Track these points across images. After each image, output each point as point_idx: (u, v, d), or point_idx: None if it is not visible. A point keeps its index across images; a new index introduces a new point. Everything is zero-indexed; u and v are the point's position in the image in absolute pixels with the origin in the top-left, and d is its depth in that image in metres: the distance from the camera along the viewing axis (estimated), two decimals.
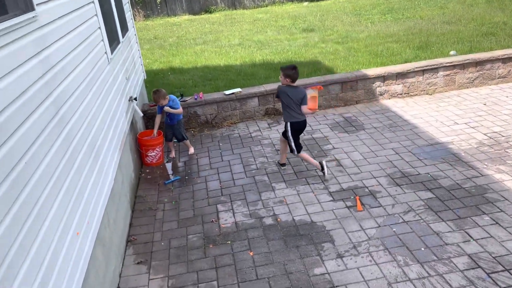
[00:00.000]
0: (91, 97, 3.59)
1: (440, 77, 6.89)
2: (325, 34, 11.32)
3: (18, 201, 2.00)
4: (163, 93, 5.36)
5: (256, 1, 19.20)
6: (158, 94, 5.36)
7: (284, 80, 4.65)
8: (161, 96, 5.34)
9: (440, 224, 3.82)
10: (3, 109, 2.00)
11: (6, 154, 1.96)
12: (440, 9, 13.02)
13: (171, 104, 5.42)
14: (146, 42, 12.81)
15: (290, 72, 4.59)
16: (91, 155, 3.31)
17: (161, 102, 5.37)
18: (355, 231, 3.87)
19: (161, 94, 5.34)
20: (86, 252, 2.84)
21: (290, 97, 4.61)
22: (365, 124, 6.10)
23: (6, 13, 2.31)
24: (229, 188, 4.80)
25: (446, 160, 4.88)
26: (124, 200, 4.32)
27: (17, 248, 1.93)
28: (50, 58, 2.74)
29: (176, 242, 3.99)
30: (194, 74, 8.67)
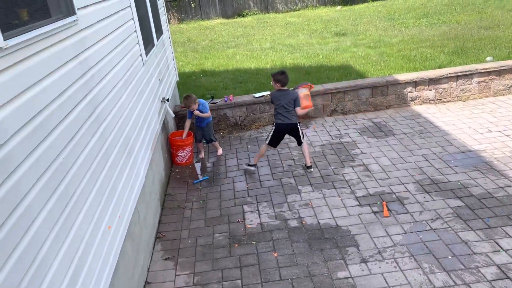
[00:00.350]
0: (126, 97, 3.74)
1: (474, 84, 6.73)
2: (357, 38, 11.25)
3: (55, 194, 2.13)
4: (193, 98, 5.53)
5: (289, 4, 19.26)
6: (189, 99, 5.51)
7: (275, 85, 5.04)
8: (192, 101, 5.49)
9: (468, 233, 3.75)
10: (44, 107, 2.14)
11: (46, 149, 2.10)
12: (478, 14, 12.68)
13: (200, 108, 5.56)
14: (180, 45, 13.10)
15: (279, 77, 4.97)
16: (124, 153, 3.45)
17: (192, 107, 5.51)
18: (380, 236, 3.85)
19: (192, 99, 5.50)
20: (116, 246, 2.97)
21: (280, 100, 4.97)
22: (394, 129, 6.04)
23: (49, 16, 2.46)
24: (256, 190, 4.87)
25: (477, 168, 4.77)
26: (154, 197, 4.46)
27: (52, 239, 2.05)
28: (88, 59, 2.88)
29: (202, 240, 4.09)
30: (225, 76, 8.81)
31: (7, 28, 1.91)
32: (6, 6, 1.98)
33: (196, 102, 5.53)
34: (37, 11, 2.32)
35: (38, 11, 2.33)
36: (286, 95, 4.98)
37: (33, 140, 1.98)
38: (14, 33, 1.95)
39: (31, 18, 2.23)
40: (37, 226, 1.91)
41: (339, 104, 6.75)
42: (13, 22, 2.05)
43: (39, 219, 1.94)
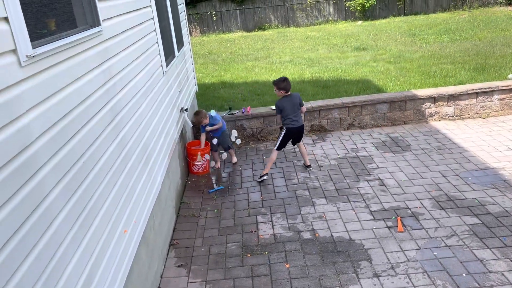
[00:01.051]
0: (146, 106, 3.85)
1: (495, 101, 6.65)
2: (377, 53, 11.25)
3: (75, 196, 2.21)
4: (203, 113, 5.69)
5: (309, 19, 19.41)
6: (200, 115, 5.68)
7: (279, 93, 5.21)
8: (202, 117, 5.65)
9: (484, 251, 3.69)
10: (68, 113, 2.24)
11: (68, 152, 2.19)
12: (501, 31, 12.55)
13: (210, 121, 5.71)
14: (201, 57, 13.33)
15: (282, 84, 5.15)
16: (142, 159, 3.54)
17: (204, 122, 5.67)
18: (394, 251, 3.83)
19: (202, 115, 5.67)
20: (131, 250, 3.04)
21: (288, 106, 5.16)
22: (412, 145, 6.00)
23: (75, 27, 2.58)
24: (270, 201, 4.90)
25: (495, 186, 4.70)
26: (170, 205, 4.53)
27: (71, 239, 2.13)
28: (111, 68, 3.00)
29: (215, 249, 4.13)
30: (243, 88, 8.92)
31: (36, 37, 2.02)
32: (35, 16, 2.10)
33: (207, 116, 5.68)
34: (64, 21, 2.44)
35: (65, 21, 2.45)
36: (291, 100, 5.19)
37: (56, 143, 2.08)
38: (42, 42, 2.06)
39: (58, 28, 2.35)
40: (57, 225, 1.99)
41: (356, 118, 6.76)
42: (41, 32, 2.16)
43: (59, 218, 2.02)
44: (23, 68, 1.85)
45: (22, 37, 1.83)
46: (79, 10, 2.65)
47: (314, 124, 6.77)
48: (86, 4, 2.72)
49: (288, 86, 5.16)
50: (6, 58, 1.73)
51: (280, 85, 5.15)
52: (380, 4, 18.94)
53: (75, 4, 2.61)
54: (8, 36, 1.76)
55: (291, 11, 19.33)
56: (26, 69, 1.87)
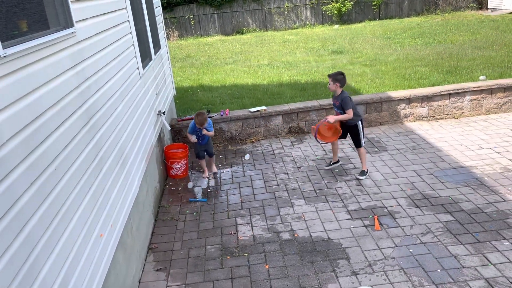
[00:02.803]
0: (122, 109, 3.81)
1: (467, 101, 6.84)
2: (354, 57, 11.42)
3: (48, 199, 2.18)
4: (206, 115, 5.48)
5: (287, 23, 19.56)
6: (203, 116, 5.40)
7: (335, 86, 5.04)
8: (206, 118, 5.43)
9: (458, 247, 3.79)
10: (40, 114, 2.21)
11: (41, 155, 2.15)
12: (472, 35, 12.92)
13: (208, 127, 5.54)
14: (179, 61, 13.27)
15: (339, 77, 5.02)
16: (118, 163, 3.50)
17: (205, 124, 5.45)
18: (371, 249, 3.88)
19: (206, 117, 5.44)
20: (108, 254, 2.99)
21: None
22: (388, 145, 6.11)
23: (48, 28, 2.54)
24: (249, 202, 4.91)
25: (468, 184, 4.83)
26: (148, 209, 4.49)
27: (45, 242, 2.09)
28: (85, 70, 2.96)
29: (195, 252, 4.11)
30: (222, 92, 8.91)
31: (7, 37, 1.99)
32: (6, 17, 2.06)
33: (207, 119, 5.50)
34: (36, 22, 2.40)
35: (37, 22, 2.42)
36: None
37: (28, 146, 2.04)
38: (12, 42, 2.03)
39: (30, 29, 2.31)
40: (29, 228, 1.95)
41: None
42: (13, 32, 2.13)
43: (32, 222, 1.98)
44: None
45: None
46: (51, 11, 2.61)
47: (292, 126, 6.82)
48: (58, 5, 2.69)
49: (345, 80, 5.06)
50: None
51: (337, 77, 4.99)
52: (356, 8, 19.24)
53: (48, 5, 2.58)
54: None
55: (269, 15, 19.45)
56: None
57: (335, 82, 5.01)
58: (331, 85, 5.04)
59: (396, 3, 19.21)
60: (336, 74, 5.03)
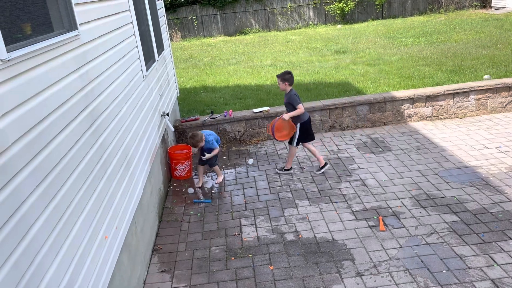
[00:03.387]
0: (126, 110, 3.82)
1: (471, 101, 6.81)
2: (357, 56, 11.40)
3: (53, 202, 2.18)
4: (199, 136, 5.23)
5: (290, 23, 19.55)
6: (195, 138, 5.21)
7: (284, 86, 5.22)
8: (199, 140, 5.22)
9: (463, 247, 3.77)
10: (45, 117, 2.21)
11: (45, 158, 2.16)
12: (476, 34, 12.86)
13: (207, 146, 5.31)
14: (182, 62, 13.28)
15: (287, 76, 5.19)
16: (122, 165, 3.51)
17: (200, 145, 5.28)
18: (376, 250, 3.87)
19: (199, 138, 5.22)
20: (113, 256, 3.00)
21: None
22: (392, 145, 6.09)
23: (52, 31, 2.55)
24: (253, 203, 4.90)
25: (473, 184, 4.81)
26: (152, 210, 4.49)
27: (50, 245, 2.09)
28: (89, 73, 2.97)
29: (199, 253, 4.11)
30: (225, 92, 8.92)
31: (11, 41, 1.99)
32: (10, 20, 2.07)
33: (203, 139, 5.26)
34: (40, 25, 2.41)
35: (41, 25, 2.42)
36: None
37: (33, 149, 2.05)
38: (17, 46, 2.03)
39: (34, 32, 2.32)
40: (35, 231, 1.95)
41: (337, 120, 6.83)
42: (17, 36, 2.13)
43: (37, 225, 1.98)
44: None
45: None
46: (55, 14, 2.62)
47: None
48: (62, 8, 2.69)
49: (292, 79, 5.23)
50: None
51: (285, 76, 5.17)
52: (359, 8, 19.21)
53: (51, 8, 2.58)
54: None
55: (272, 16, 19.44)
56: (1, 73, 1.84)
57: (284, 81, 5.21)
58: (281, 84, 5.25)
59: (399, 3, 19.17)
60: (283, 74, 5.23)
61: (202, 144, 5.29)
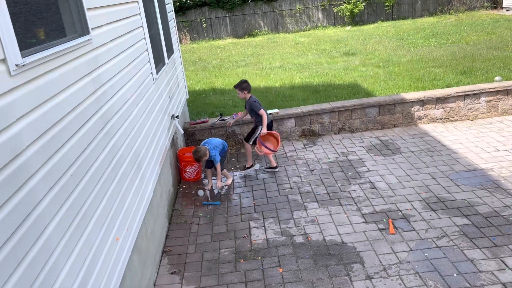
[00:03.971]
0: (136, 113, 3.86)
1: (482, 103, 6.75)
2: (366, 58, 11.36)
3: (67, 203, 2.22)
4: (202, 150, 5.19)
5: (299, 25, 19.55)
6: (198, 154, 5.18)
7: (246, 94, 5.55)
8: (202, 156, 5.19)
9: (474, 251, 3.74)
10: (58, 121, 2.25)
11: (59, 161, 2.19)
12: (487, 35, 12.75)
13: (211, 159, 5.29)
14: (191, 64, 13.35)
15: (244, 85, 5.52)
16: (133, 167, 3.54)
17: (204, 159, 5.28)
18: (386, 253, 3.86)
19: (201, 153, 5.18)
20: (123, 258, 3.03)
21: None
22: (402, 147, 6.07)
23: (64, 36, 2.59)
24: (262, 206, 4.92)
25: (484, 186, 4.77)
26: (162, 212, 4.53)
27: (63, 246, 2.13)
28: (101, 76, 3.01)
29: (208, 255, 4.13)
30: (234, 95, 8.94)
31: (25, 46, 2.03)
32: (24, 26, 2.11)
33: (206, 153, 5.22)
34: (54, 30, 2.45)
35: (55, 30, 2.46)
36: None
37: (47, 151, 2.08)
38: (31, 51, 2.07)
39: (47, 37, 2.36)
40: (48, 233, 1.99)
41: (347, 122, 6.82)
42: (31, 41, 2.17)
43: (51, 226, 2.02)
44: (13, 77, 1.86)
45: (11, 47, 1.84)
46: (68, 19, 2.66)
47: (305, 128, 6.81)
48: (75, 13, 2.74)
49: (249, 87, 5.57)
50: None
51: (242, 85, 5.49)
52: (368, 10, 19.15)
53: (64, 13, 2.63)
54: None
55: (281, 17, 19.46)
56: (16, 78, 1.88)
57: (242, 90, 5.50)
58: (240, 94, 5.56)
59: (409, 4, 19.07)
60: (240, 84, 5.53)
61: (205, 158, 5.28)
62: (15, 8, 1.98)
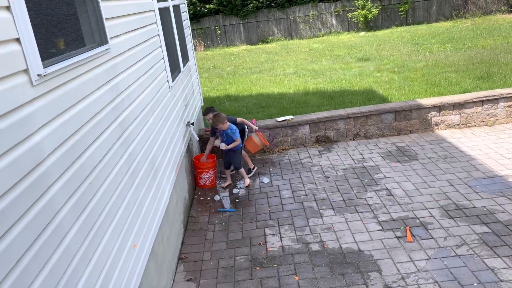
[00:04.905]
0: (153, 121, 3.89)
1: (500, 108, 6.64)
2: (381, 63, 11.30)
3: (85, 211, 2.24)
4: (222, 117, 5.28)
5: (312, 31, 19.55)
6: (217, 117, 5.29)
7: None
8: (219, 120, 5.26)
9: (495, 259, 3.66)
10: (78, 129, 2.28)
11: (78, 169, 2.22)
12: (504, 39, 12.57)
13: (229, 132, 5.38)
14: (205, 71, 13.45)
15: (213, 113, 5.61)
16: (150, 174, 3.57)
17: (220, 126, 5.32)
18: (403, 262, 3.80)
19: (220, 118, 5.27)
20: (140, 265, 3.05)
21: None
22: (418, 154, 5.99)
23: (84, 45, 2.63)
24: (278, 213, 4.90)
25: (504, 194, 4.67)
26: (178, 219, 4.54)
27: (81, 255, 2.15)
28: (119, 85, 3.05)
29: (224, 262, 4.13)
30: (248, 101, 8.97)
31: (46, 56, 2.07)
32: (45, 36, 2.15)
33: (224, 122, 5.29)
34: (73, 40, 2.49)
35: (74, 40, 2.51)
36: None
37: (66, 160, 2.11)
38: (52, 61, 2.11)
39: (67, 47, 2.40)
40: (68, 241, 2.01)
41: (362, 128, 6.77)
42: (52, 51, 2.21)
43: (70, 234, 2.04)
44: (34, 87, 1.89)
45: (34, 57, 1.88)
46: (87, 29, 2.71)
47: (320, 135, 6.79)
48: (94, 23, 2.78)
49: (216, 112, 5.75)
50: (19, 78, 1.78)
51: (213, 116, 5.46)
52: (382, 15, 19.06)
53: (84, 23, 2.67)
54: (20, 56, 1.81)
55: (294, 24, 19.50)
56: (37, 88, 1.92)
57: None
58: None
59: (423, 8, 18.93)
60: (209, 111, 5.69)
61: (221, 126, 5.31)
62: (37, 20, 2.02)
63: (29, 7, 1.89)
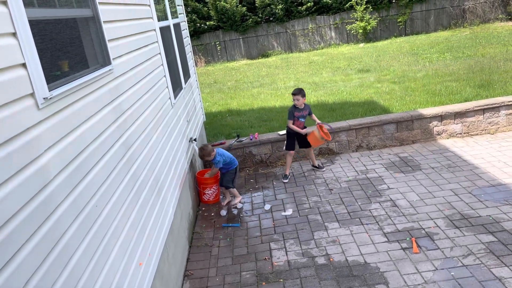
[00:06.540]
0: (156, 138, 3.93)
1: (502, 116, 6.65)
2: (381, 74, 11.36)
3: (91, 231, 2.25)
4: (208, 150, 5.40)
5: (312, 44, 19.71)
6: (202, 151, 5.46)
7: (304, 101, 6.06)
8: (205, 154, 5.42)
9: (502, 269, 3.64)
10: (82, 150, 2.31)
11: (83, 189, 2.24)
12: (504, 47, 12.63)
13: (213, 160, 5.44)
14: (207, 86, 13.54)
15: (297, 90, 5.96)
16: (154, 192, 3.59)
17: (205, 159, 5.49)
18: (410, 273, 3.78)
19: (205, 152, 5.41)
20: (146, 283, 3.04)
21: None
22: (422, 164, 5.99)
23: (87, 67, 2.68)
24: (282, 227, 4.89)
25: (509, 202, 4.66)
26: (183, 235, 4.54)
27: (88, 276, 2.16)
28: (122, 104, 3.09)
29: (230, 278, 4.11)
30: (250, 115, 9.01)
31: (51, 79, 2.11)
32: (50, 60, 2.19)
33: (211, 154, 5.39)
34: (77, 63, 2.54)
35: (78, 63, 2.55)
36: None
37: (72, 181, 2.13)
38: (57, 84, 2.15)
39: (71, 69, 2.44)
40: (74, 262, 2.02)
41: (364, 140, 6.79)
42: (56, 74, 2.25)
43: (76, 255, 2.05)
44: (40, 110, 1.93)
45: (39, 81, 1.92)
46: (90, 51, 2.76)
47: (322, 147, 6.80)
48: (97, 45, 2.83)
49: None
50: (25, 102, 1.82)
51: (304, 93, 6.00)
52: (381, 26, 19.22)
53: (87, 46, 2.72)
54: (26, 81, 1.85)
55: (293, 37, 19.67)
56: (43, 111, 1.95)
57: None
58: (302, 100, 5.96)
59: (422, 19, 19.09)
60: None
61: (207, 159, 5.51)
62: (42, 44, 2.06)
63: (34, 33, 1.93)
